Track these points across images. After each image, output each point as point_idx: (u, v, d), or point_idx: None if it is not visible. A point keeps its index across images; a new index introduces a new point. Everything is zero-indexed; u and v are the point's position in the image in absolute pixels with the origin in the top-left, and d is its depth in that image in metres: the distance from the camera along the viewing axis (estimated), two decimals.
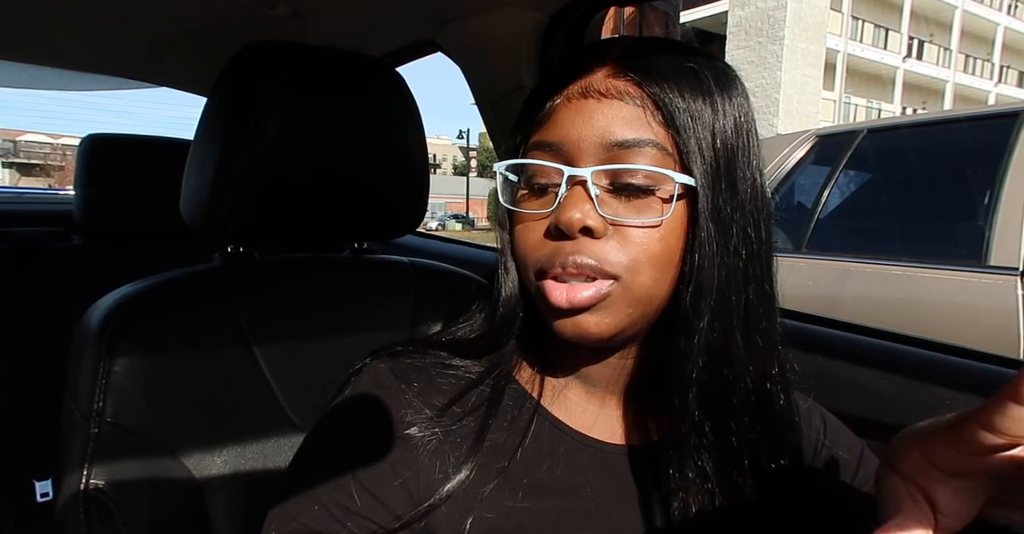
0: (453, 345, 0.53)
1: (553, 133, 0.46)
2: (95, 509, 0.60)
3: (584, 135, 0.45)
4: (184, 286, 0.73)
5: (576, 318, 0.45)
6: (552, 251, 0.45)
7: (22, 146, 31.60)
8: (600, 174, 0.44)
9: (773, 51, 16.90)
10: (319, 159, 0.73)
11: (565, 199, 0.45)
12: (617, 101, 0.45)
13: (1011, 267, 1.87)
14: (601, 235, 0.44)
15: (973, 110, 3.11)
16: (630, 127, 0.44)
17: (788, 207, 2.76)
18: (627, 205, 0.45)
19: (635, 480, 0.50)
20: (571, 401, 0.52)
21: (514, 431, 0.49)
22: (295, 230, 0.79)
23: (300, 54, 0.74)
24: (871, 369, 0.82)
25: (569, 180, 0.45)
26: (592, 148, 0.45)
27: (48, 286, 1.40)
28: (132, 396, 0.63)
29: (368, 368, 0.51)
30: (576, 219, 0.43)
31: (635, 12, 19.31)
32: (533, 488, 0.47)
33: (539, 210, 0.47)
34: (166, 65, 1.44)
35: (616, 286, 0.44)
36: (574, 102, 0.46)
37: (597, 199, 0.44)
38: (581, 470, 0.49)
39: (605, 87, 0.45)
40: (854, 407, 0.81)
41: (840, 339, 0.89)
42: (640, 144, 0.44)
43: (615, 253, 0.44)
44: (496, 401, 0.49)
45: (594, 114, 0.45)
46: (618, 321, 0.46)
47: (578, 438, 0.50)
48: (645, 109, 0.45)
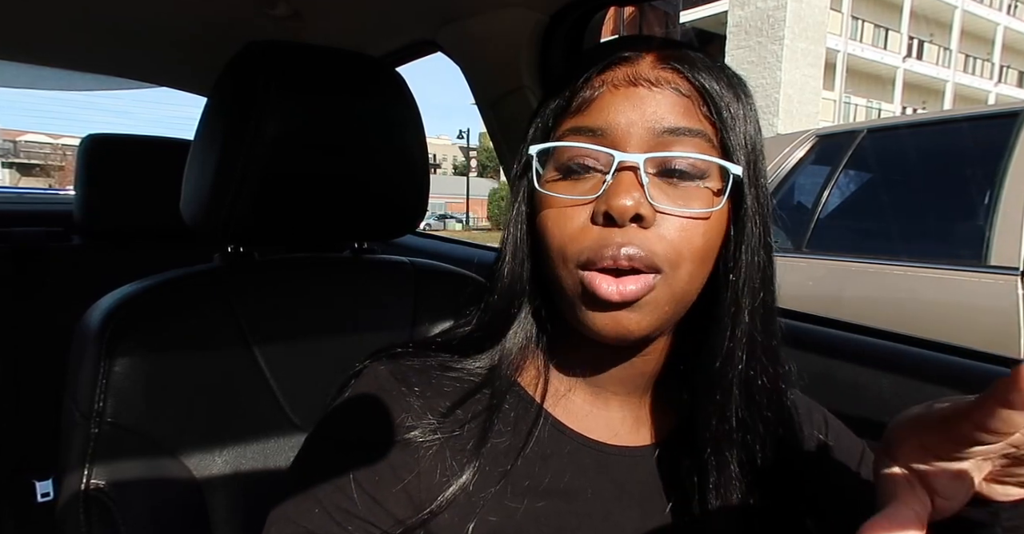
0: (453, 346, 0.52)
1: (597, 118, 0.45)
2: (95, 509, 0.60)
3: (634, 120, 0.44)
4: (184, 286, 0.73)
5: (617, 315, 0.44)
6: (599, 239, 0.43)
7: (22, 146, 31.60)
8: (649, 161, 0.43)
9: (773, 51, 16.89)
10: (319, 159, 0.73)
11: (614, 185, 0.43)
12: (668, 90, 0.44)
13: (1011, 267, 1.87)
14: (650, 224, 0.43)
15: (973, 110, 3.11)
16: (682, 115, 0.44)
17: (788, 207, 2.76)
18: (673, 194, 0.44)
19: (637, 482, 0.50)
20: (574, 403, 0.51)
21: (516, 434, 0.48)
22: (295, 230, 0.79)
23: (300, 54, 0.74)
24: (871, 369, 0.82)
25: (619, 165, 0.43)
26: (642, 133, 0.44)
27: (48, 286, 1.40)
28: (132, 396, 0.63)
29: (368, 370, 0.51)
30: (630, 206, 0.42)
31: (635, 12, 19.31)
32: (535, 491, 0.47)
33: (581, 196, 0.45)
34: (166, 65, 1.44)
35: (660, 281, 0.43)
36: (621, 89, 0.45)
37: (646, 186, 0.43)
38: (583, 472, 0.49)
39: (655, 76, 0.44)
40: (854, 407, 0.81)
41: (840, 339, 0.89)
42: (690, 133, 0.44)
43: (661, 244, 0.43)
44: (498, 404, 0.49)
45: (646, 101, 0.44)
46: (656, 319, 0.45)
47: (580, 440, 0.50)
48: (693, 100, 0.44)
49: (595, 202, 0.44)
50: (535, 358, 0.52)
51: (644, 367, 0.51)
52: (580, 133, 0.45)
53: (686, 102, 0.44)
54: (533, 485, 0.47)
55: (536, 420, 0.49)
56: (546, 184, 0.47)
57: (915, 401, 0.79)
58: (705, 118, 0.45)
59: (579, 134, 0.45)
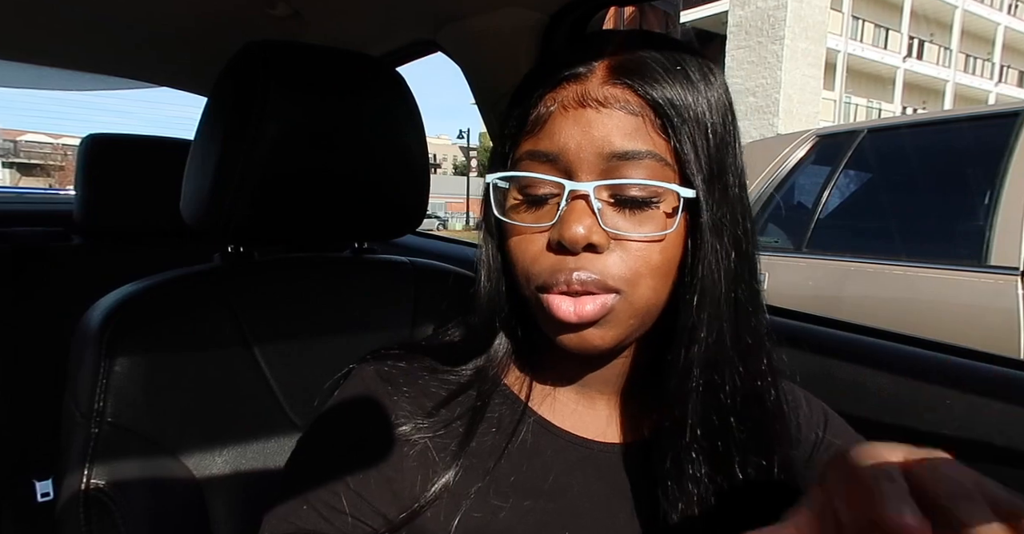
0: (441, 349, 0.53)
1: (549, 143, 0.45)
2: (95, 509, 0.60)
3: (583, 145, 0.44)
4: (184, 286, 0.73)
5: (581, 333, 0.45)
6: (554, 266, 0.44)
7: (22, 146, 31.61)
8: (601, 188, 0.44)
9: (773, 51, 16.90)
10: (319, 159, 0.73)
11: (567, 213, 0.44)
12: (616, 111, 0.44)
13: (1011, 267, 1.87)
14: (604, 249, 0.44)
15: (973, 110, 3.11)
16: (630, 138, 0.43)
17: (788, 207, 2.76)
18: (628, 218, 0.44)
19: (626, 478, 0.50)
20: (559, 402, 0.52)
21: (502, 432, 0.49)
22: (295, 230, 0.79)
23: (300, 54, 0.74)
24: (871, 369, 0.82)
25: (571, 194, 0.44)
26: (592, 158, 0.44)
27: (48, 286, 1.40)
28: (132, 396, 0.63)
29: (356, 372, 0.52)
30: (580, 235, 0.43)
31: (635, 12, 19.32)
32: (520, 488, 0.48)
33: (537, 223, 0.46)
34: (166, 65, 1.44)
35: (619, 300, 0.44)
36: (571, 111, 0.44)
37: (599, 213, 0.43)
38: (569, 469, 0.49)
39: (603, 95, 0.44)
40: (854, 407, 0.81)
41: (840, 339, 0.89)
42: (640, 155, 0.43)
43: (617, 267, 0.44)
44: (483, 404, 0.49)
45: (593, 124, 0.44)
46: (621, 333, 0.46)
47: (566, 437, 0.50)
48: (644, 118, 0.44)
49: (551, 229, 0.45)
50: (520, 362, 0.53)
51: (626, 368, 0.51)
52: (535, 158, 0.45)
53: (636, 121, 0.44)
54: (518, 483, 0.48)
55: (521, 418, 0.50)
56: (509, 210, 0.47)
57: (915, 401, 0.79)
58: (658, 133, 0.44)
59: (534, 159, 0.46)
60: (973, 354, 0.81)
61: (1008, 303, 1.83)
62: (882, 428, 0.79)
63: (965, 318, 1.93)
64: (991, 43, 23.47)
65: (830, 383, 0.84)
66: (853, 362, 0.84)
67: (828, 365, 0.85)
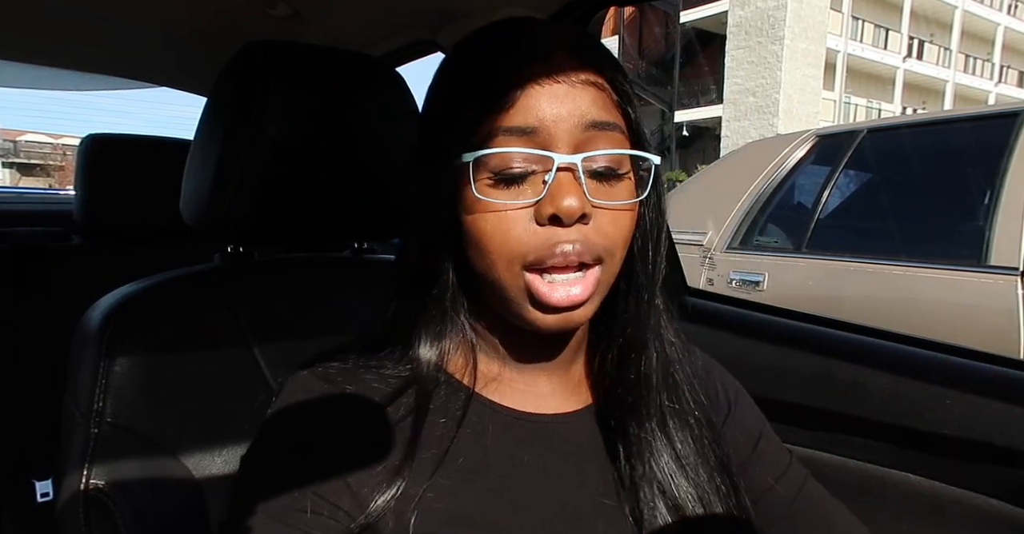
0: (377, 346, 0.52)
1: (527, 116, 0.45)
2: (95, 509, 0.60)
3: (562, 116, 0.45)
4: (184, 286, 0.73)
5: (567, 314, 0.47)
6: (545, 240, 0.45)
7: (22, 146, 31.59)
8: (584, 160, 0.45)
9: (773, 51, 16.90)
10: (319, 159, 0.73)
11: (556, 187, 0.45)
12: (587, 85, 0.46)
13: (1011, 267, 1.87)
14: (590, 220, 0.46)
15: (973, 110, 3.11)
16: (603, 110, 0.46)
17: (788, 207, 2.76)
18: (604, 188, 0.47)
19: (575, 445, 0.52)
20: (503, 383, 0.53)
21: (450, 420, 0.49)
22: (295, 230, 0.79)
23: (300, 54, 0.74)
24: (871, 369, 0.82)
25: (558, 167, 0.45)
26: (571, 129, 0.45)
27: (48, 286, 1.40)
28: (132, 396, 0.63)
29: (294, 377, 0.51)
30: (576, 206, 0.44)
31: (635, 12, 19.31)
32: (474, 470, 0.48)
33: (518, 200, 0.45)
34: (166, 65, 1.44)
35: (601, 271, 0.47)
36: (545, 86, 0.45)
37: (584, 185, 0.45)
38: (518, 444, 0.50)
39: (572, 72, 0.46)
40: (854, 407, 0.81)
41: (840, 339, 0.89)
42: (610, 127, 0.46)
43: (601, 237, 0.46)
44: (428, 397, 0.50)
45: (569, 97, 0.45)
46: (595, 305, 0.49)
47: (512, 414, 0.51)
48: (608, 93, 0.47)
49: (537, 205, 0.45)
50: (462, 346, 0.53)
51: (571, 341, 0.53)
52: (511, 133, 0.45)
53: (603, 95, 0.47)
54: (471, 465, 0.48)
55: (468, 404, 0.50)
56: (482, 189, 0.46)
57: (915, 401, 0.79)
58: (617, 109, 0.48)
59: (510, 134, 0.45)
60: (973, 354, 0.81)
61: (1008, 303, 1.83)
62: (882, 428, 0.79)
63: (965, 318, 1.93)
64: (991, 43, 23.48)
65: (830, 383, 0.84)
66: (853, 362, 0.84)
67: (828, 365, 0.85)
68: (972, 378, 0.77)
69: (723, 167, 3.38)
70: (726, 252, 2.66)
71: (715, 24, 18.81)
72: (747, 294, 2.42)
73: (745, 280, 2.50)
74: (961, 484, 0.77)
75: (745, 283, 2.49)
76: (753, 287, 2.45)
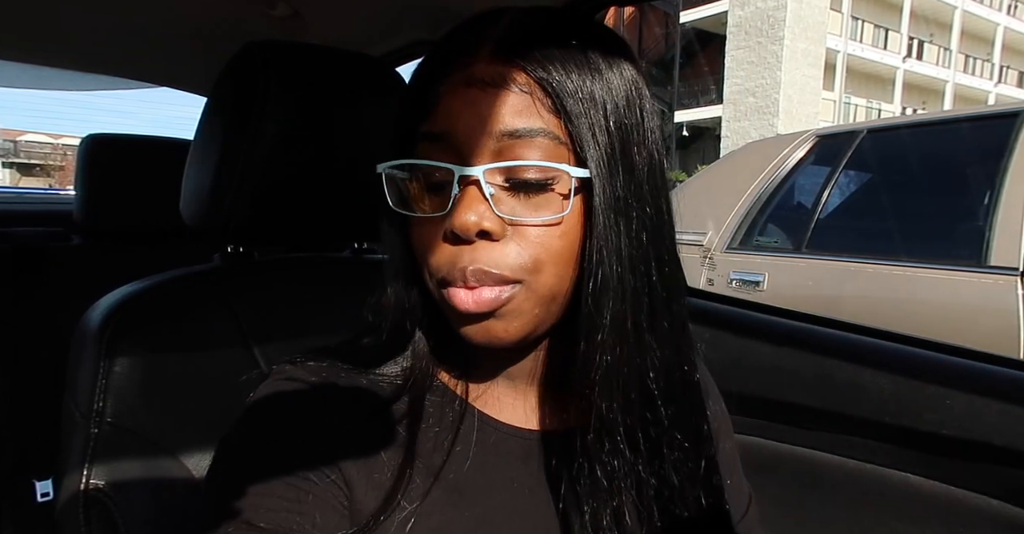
0: (361, 351, 0.50)
1: (440, 124, 0.42)
2: (95, 509, 0.60)
3: (473, 126, 0.41)
4: (184, 286, 0.73)
5: (484, 324, 0.43)
6: (451, 258, 0.42)
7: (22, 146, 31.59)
8: (493, 171, 0.41)
9: (773, 51, 16.91)
10: (319, 159, 0.73)
11: (458, 200, 0.41)
12: (504, 90, 0.41)
13: (1011, 267, 1.87)
14: (500, 237, 0.42)
15: (973, 110, 3.11)
16: (520, 116, 0.41)
17: (788, 207, 2.76)
18: (524, 202, 0.42)
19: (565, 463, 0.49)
20: (494, 395, 0.51)
21: (443, 430, 0.48)
22: (295, 230, 0.79)
23: (300, 54, 0.74)
24: (871, 369, 0.82)
25: (461, 180, 0.41)
26: (482, 139, 0.41)
27: (48, 286, 1.40)
28: (132, 396, 0.63)
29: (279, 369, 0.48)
30: (472, 222, 0.40)
31: (635, 12, 19.32)
32: (466, 487, 0.47)
33: (433, 212, 0.43)
34: (166, 65, 1.44)
35: (520, 289, 0.42)
36: (460, 90, 0.42)
37: (492, 198, 0.41)
38: (509, 462, 0.48)
39: (490, 75, 0.42)
40: (854, 407, 0.81)
41: (840, 339, 0.89)
42: (531, 134, 0.41)
43: (516, 256, 0.42)
44: (420, 405, 0.48)
45: (480, 104, 0.41)
46: (526, 323, 0.44)
47: (505, 430, 0.49)
48: (533, 96, 0.41)
49: (445, 218, 0.42)
50: (451, 356, 0.51)
51: (545, 358, 0.50)
52: (429, 140, 0.43)
53: (525, 99, 0.41)
54: (461, 481, 0.47)
55: (462, 416, 0.48)
56: (412, 198, 0.44)
57: (915, 401, 0.79)
58: (551, 113, 0.42)
59: (428, 141, 0.43)
60: (973, 354, 0.81)
61: (1008, 303, 1.83)
62: (882, 428, 0.79)
63: (965, 318, 1.93)
64: (991, 43, 23.48)
65: (830, 383, 0.84)
66: (853, 362, 0.84)
67: (828, 365, 0.85)
68: (972, 378, 0.77)
69: (723, 167, 3.38)
70: (726, 252, 2.66)
71: (715, 24, 18.82)
72: (747, 294, 2.41)
73: (745, 280, 2.50)
74: (961, 484, 0.77)
75: (745, 283, 2.49)
76: (753, 287, 2.45)
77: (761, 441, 0.90)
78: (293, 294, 0.78)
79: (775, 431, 0.89)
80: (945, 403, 0.76)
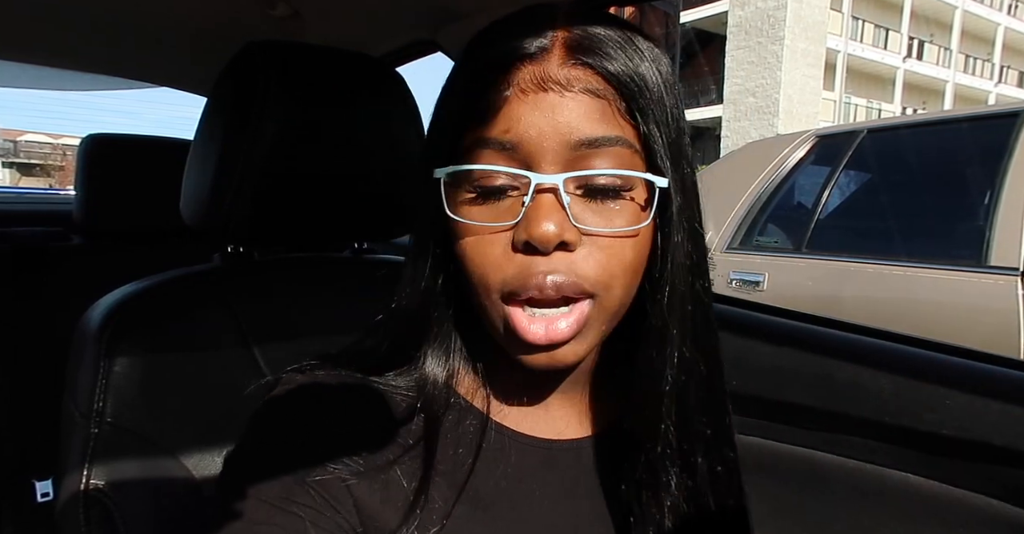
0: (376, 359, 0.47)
1: (506, 130, 0.40)
2: (95, 509, 0.60)
3: (547, 133, 0.39)
4: (184, 286, 0.73)
5: (553, 352, 0.41)
6: (522, 269, 0.40)
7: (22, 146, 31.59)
8: (570, 181, 0.40)
9: (773, 51, 16.91)
10: (319, 159, 0.73)
11: (533, 210, 0.39)
12: (580, 93, 0.39)
13: (1011, 267, 1.87)
14: (576, 247, 0.40)
15: (973, 110, 3.11)
16: (598, 123, 0.39)
17: (788, 207, 2.76)
18: (598, 211, 0.41)
19: (586, 472, 0.49)
20: (515, 406, 0.49)
21: (463, 447, 0.46)
22: (295, 230, 0.79)
23: (300, 54, 0.74)
24: (871, 369, 0.82)
25: (536, 188, 0.39)
26: (557, 148, 0.39)
27: (48, 286, 1.40)
28: (132, 396, 0.63)
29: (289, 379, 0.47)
30: (552, 233, 0.38)
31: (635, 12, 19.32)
32: (489, 501, 0.45)
33: (497, 222, 0.40)
34: (166, 65, 1.44)
35: (593, 306, 0.41)
36: (530, 95, 0.39)
37: (569, 207, 0.39)
38: (532, 473, 0.47)
39: (565, 77, 0.39)
40: (854, 407, 0.81)
41: (840, 339, 0.89)
42: (609, 142, 0.40)
43: (591, 267, 0.40)
44: (437, 423, 0.46)
45: (556, 109, 0.39)
46: (592, 342, 0.43)
47: (525, 441, 0.48)
48: (610, 101, 0.40)
49: (515, 228, 0.40)
50: (469, 367, 0.49)
51: (585, 369, 0.49)
52: (489, 146, 0.40)
53: (602, 104, 0.40)
54: (484, 496, 0.45)
55: (482, 432, 0.47)
56: (460, 206, 0.42)
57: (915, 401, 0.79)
58: (624, 118, 0.40)
59: (488, 148, 0.40)
60: (973, 354, 0.81)
61: (1008, 304, 1.83)
62: (882, 428, 0.79)
63: (965, 318, 1.93)
64: (991, 43, 23.48)
65: (830, 383, 0.84)
66: (853, 362, 0.84)
67: (828, 365, 0.85)
68: (972, 378, 0.77)
69: (723, 167, 3.38)
70: (726, 252, 2.66)
71: (715, 24, 18.82)
72: (747, 294, 2.41)
73: (745, 280, 2.50)
74: (961, 484, 0.77)
75: (745, 283, 2.49)
76: (753, 287, 2.45)
77: (761, 441, 0.89)
78: (293, 294, 0.78)
79: (775, 431, 0.88)
80: (945, 403, 0.76)
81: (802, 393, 0.87)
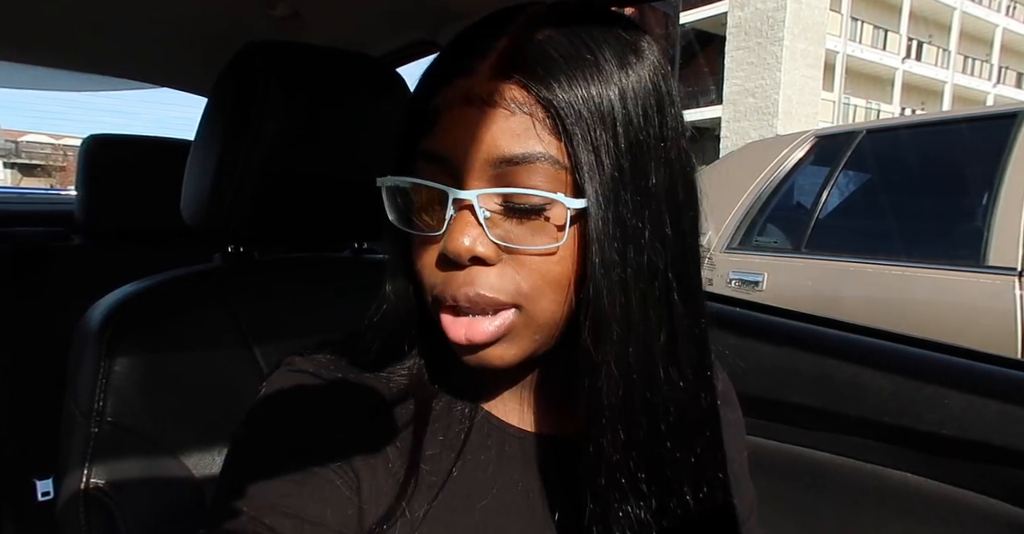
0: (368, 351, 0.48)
1: (440, 143, 0.41)
2: (95, 509, 0.60)
3: (469, 149, 0.39)
4: (184, 286, 0.73)
5: (479, 353, 0.42)
6: (444, 280, 0.41)
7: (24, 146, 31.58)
8: (488, 196, 0.40)
9: (772, 52, 16.92)
10: (319, 159, 0.73)
11: (453, 223, 0.40)
12: (502, 110, 0.39)
13: (1009, 267, 1.87)
14: (495, 262, 0.40)
15: (972, 111, 3.12)
16: (518, 141, 0.38)
17: (787, 207, 2.76)
18: (521, 226, 0.40)
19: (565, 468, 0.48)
20: (502, 395, 0.50)
21: (451, 435, 0.47)
22: (295, 230, 0.79)
23: (300, 54, 0.74)
24: (871, 369, 0.82)
25: (455, 203, 0.40)
26: (479, 164, 0.39)
27: (48, 286, 1.40)
28: (132, 396, 0.64)
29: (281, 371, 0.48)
30: (464, 248, 0.39)
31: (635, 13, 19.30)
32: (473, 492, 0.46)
33: (431, 231, 0.42)
34: (166, 65, 1.44)
35: (519, 315, 0.41)
36: (457, 109, 0.40)
37: (487, 222, 0.39)
38: (513, 464, 0.48)
39: (488, 92, 0.39)
40: (854, 407, 0.81)
41: (840, 339, 0.89)
42: (529, 159, 0.38)
43: (512, 281, 0.40)
44: (427, 409, 0.47)
45: (477, 125, 0.39)
46: (523, 348, 0.43)
47: (510, 431, 0.48)
48: (534, 118, 0.38)
49: (441, 239, 0.41)
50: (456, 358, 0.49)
51: (553, 369, 0.49)
52: (428, 159, 0.42)
53: (525, 121, 0.38)
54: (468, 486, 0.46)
55: (471, 422, 0.47)
56: (415, 213, 0.43)
57: (915, 401, 0.79)
58: (552, 135, 0.39)
59: (427, 160, 0.42)
60: (973, 354, 0.81)
61: (1006, 304, 1.83)
62: (882, 428, 0.80)
63: (963, 318, 1.93)
64: (989, 44, 23.50)
65: (830, 383, 0.84)
66: (853, 362, 0.84)
67: (828, 365, 0.85)
68: (971, 378, 0.77)
69: (722, 168, 3.38)
70: (725, 252, 2.66)
71: (715, 25, 18.83)
72: (747, 294, 2.42)
73: (744, 280, 2.50)
74: (961, 484, 0.77)
75: (744, 283, 2.49)
76: (752, 287, 2.45)
77: (761, 441, 0.90)
78: (293, 294, 0.78)
79: (775, 431, 0.89)
80: (944, 403, 0.76)
81: (802, 393, 0.87)
